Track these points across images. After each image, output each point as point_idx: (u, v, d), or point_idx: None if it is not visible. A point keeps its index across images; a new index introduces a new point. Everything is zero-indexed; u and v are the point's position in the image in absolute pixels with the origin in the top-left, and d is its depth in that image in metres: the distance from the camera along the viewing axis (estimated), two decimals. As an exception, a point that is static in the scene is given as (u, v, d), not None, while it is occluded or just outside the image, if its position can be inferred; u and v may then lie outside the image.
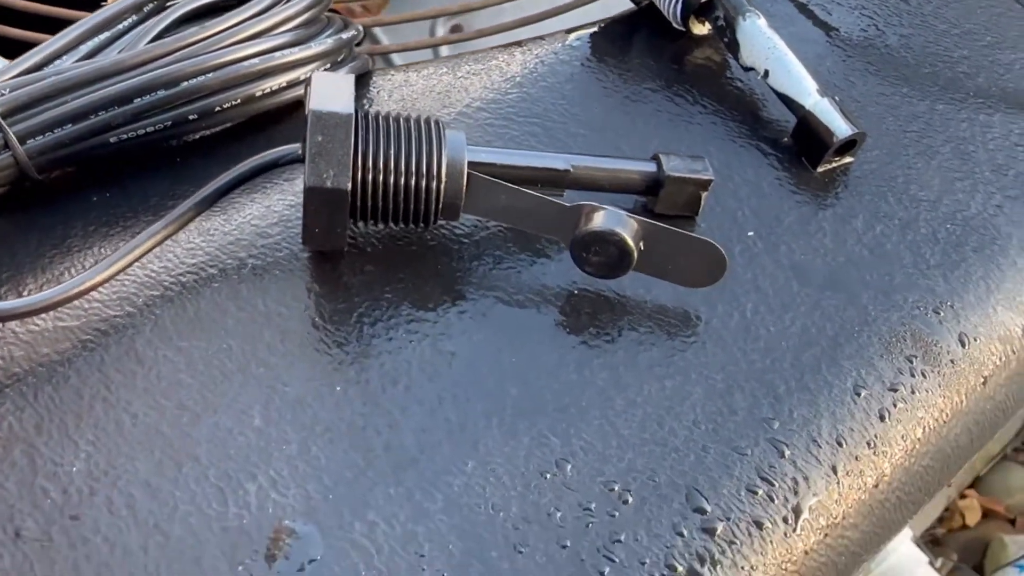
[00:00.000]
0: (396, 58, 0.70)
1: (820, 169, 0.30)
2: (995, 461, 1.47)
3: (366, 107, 0.31)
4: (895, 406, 0.25)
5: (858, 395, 0.25)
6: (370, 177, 0.24)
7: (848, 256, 0.28)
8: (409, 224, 0.26)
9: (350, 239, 0.27)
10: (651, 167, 0.28)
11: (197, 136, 0.30)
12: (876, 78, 0.33)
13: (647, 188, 0.28)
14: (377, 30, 0.68)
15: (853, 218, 0.29)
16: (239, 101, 0.30)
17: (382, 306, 0.26)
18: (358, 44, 0.34)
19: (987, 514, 1.46)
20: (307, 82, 0.25)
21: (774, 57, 0.31)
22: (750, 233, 0.28)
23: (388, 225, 0.26)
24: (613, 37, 0.35)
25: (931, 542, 1.43)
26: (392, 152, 0.25)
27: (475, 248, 0.27)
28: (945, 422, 0.26)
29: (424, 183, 0.25)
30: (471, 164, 0.26)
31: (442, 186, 0.25)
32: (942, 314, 0.27)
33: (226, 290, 0.26)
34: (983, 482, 1.47)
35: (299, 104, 0.31)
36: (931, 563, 0.92)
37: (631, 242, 0.25)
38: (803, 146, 0.31)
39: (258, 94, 0.30)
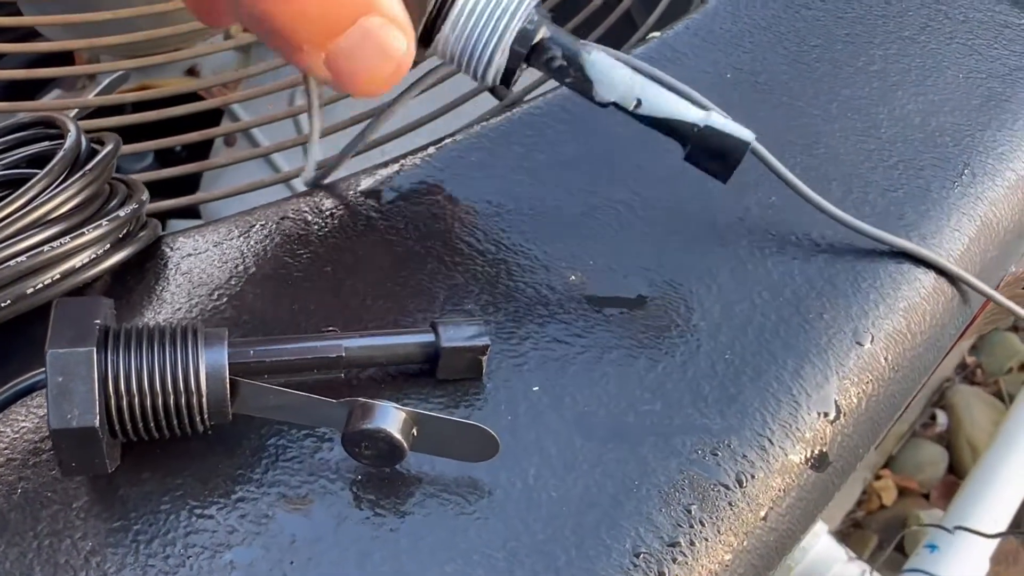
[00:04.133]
0: (257, 133, 0.70)
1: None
2: (905, 439, 1.52)
3: (130, 312, 0.31)
4: (675, 561, 0.26)
5: (637, 556, 0.26)
6: (124, 403, 0.24)
7: (630, 401, 0.29)
8: (178, 435, 0.26)
9: (128, 442, 0.26)
10: (428, 338, 0.28)
11: (-30, 337, 0.29)
12: (660, 200, 0.34)
13: (427, 358, 0.28)
14: (235, 106, 0.68)
15: (636, 359, 0.30)
16: (9, 302, 0.29)
17: (159, 520, 0.26)
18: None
19: (903, 492, 1.52)
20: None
21: (641, 83, 0.29)
22: (535, 388, 0.29)
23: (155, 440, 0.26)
24: (421, 173, 0.35)
25: (852, 525, 1.48)
26: (145, 372, 0.24)
27: (257, 438, 0.27)
28: (727, 566, 0.27)
29: (184, 400, 0.25)
30: (236, 366, 0.26)
31: (203, 400, 0.25)
32: (720, 455, 0.28)
33: (-5, 522, 0.25)
34: (896, 461, 1.53)
35: (79, 291, 0.30)
36: (848, 556, 0.95)
37: (399, 437, 0.25)
38: (708, 166, 0.30)
39: (29, 292, 0.29)
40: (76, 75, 0.59)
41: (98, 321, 0.24)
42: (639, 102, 0.29)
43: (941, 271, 0.33)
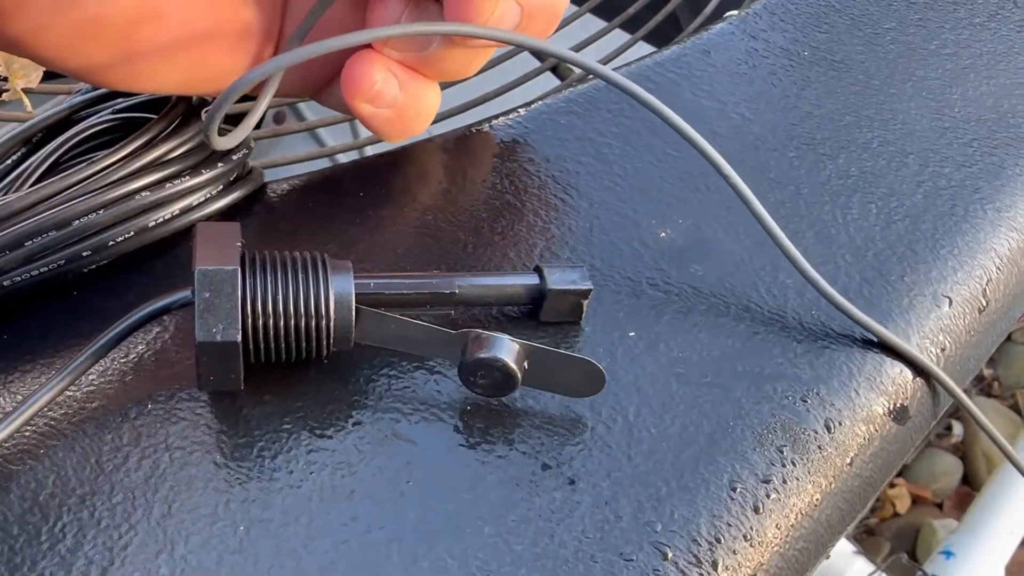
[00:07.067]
0: (323, 132, 0.72)
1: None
2: (920, 448, 1.53)
3: (257, 240, 0.32)
4: (768, 497, 0.27)
5: (734, 490, 0.27)
6: (260, 323, 0.25)
7: (722, 350, 0.30)
8: (303, 358, 0.27)
9: (249, 367, 0.28)
10: (534, 280, 0.29)
11: (93, 267, 0.31)
12: (745, 167, 0.35)
13: (532, 300, 0.29)
14: (302, 106, 0.70)
15: (726, 311, 0.31)
16: (132, 233, 0.31)
17: (282, 438, 0.27)
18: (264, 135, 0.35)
19: (916, 500, 1.53)
20: (192, 232, 0.26)
21: None
22: (631, 333, 0.30)
23: (282, 361, 0.27)
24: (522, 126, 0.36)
25: (865, 532, 1.49)
26: (280, 295, 0.26)
27: (370, 369, 0.29)
28: (816, 505, 0.28)
29: (314, 323, 0.26)
30: (359, 296, 0.27)
31: (331, 324, 0.26)
32: (809, 402, 0.29)
33: (127, 434, 0.27)
34: (910, 469, 1.54)
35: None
36: (867, 560, 0.96)
37: (514, 366, 0.26)
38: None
39: (151, 224, 0.31)
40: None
41: (238, 243, 0.25)
42: None
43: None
